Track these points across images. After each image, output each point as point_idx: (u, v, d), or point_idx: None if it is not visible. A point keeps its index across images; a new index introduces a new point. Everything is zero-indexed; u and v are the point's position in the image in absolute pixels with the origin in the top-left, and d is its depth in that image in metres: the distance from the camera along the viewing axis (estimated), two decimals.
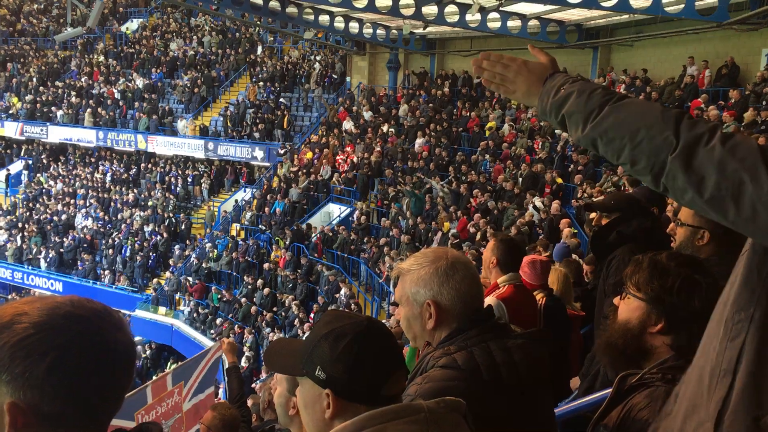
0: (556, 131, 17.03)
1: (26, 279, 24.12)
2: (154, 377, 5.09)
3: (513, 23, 18.79)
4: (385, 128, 21.07)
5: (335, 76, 25.18)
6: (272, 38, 28.59)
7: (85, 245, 23.89)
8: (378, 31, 21.86)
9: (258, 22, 23.67)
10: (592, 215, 4.13)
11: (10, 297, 25.09)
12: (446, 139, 19.54)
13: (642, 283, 1.93)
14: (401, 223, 17.34)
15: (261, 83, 25.98)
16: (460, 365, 1.84)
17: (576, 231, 11.00)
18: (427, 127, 20.30)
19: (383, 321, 13.37)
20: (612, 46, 19.28)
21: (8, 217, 26.70)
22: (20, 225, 25.87)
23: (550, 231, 12.62)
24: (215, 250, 20.62)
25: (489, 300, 3.50)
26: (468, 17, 18.33)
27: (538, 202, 14.61)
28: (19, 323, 1.09)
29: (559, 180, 15.58)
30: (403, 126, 21.10)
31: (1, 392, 1.08)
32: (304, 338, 1.62)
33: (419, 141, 19.85)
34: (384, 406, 1.39)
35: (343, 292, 16.59)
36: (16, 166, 30.01)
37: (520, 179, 16.20)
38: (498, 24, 18.61)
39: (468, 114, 20.11)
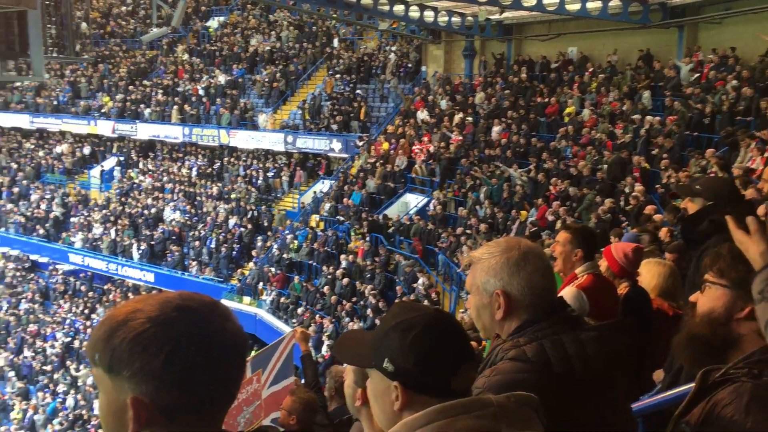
0: (636, 115, 16.49)
1: (120, 270, 25.30)
2: None
3: (593, 5, 18.22)
4: (461, 116, 20.91)
5: (410, 66, 25.14)
6: (347, 30, 28.80)
7: (174, 237, 24.83)
8: (453, 19, 21.67)
9: (334, 15, 23.88)
10: (684, 203, 3.76)
11: (105, 287, 26.42)
12: (525, 126, 19.22)
13: (725, 268, 1.85)
14: (479, 212, 17.20)
15: (337, 76, 26.25)
16: (530, 358, 1.80)
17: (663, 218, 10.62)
18: (504, 114, 20.01)
19: (461, 311, 13.33)
20: (699, 24, 18.39)
21: (103, 211, 28.05)
22: (114, 219, 27.14)
23: (637, 218, 12.23)
24: (295, 241, 21.03)
25: (568, 290, 3.43)
26: (545, 0, 17.91)
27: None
28: (134, 320, 1.12)
29: (646, 165, 15.07)
30: (479, 114, 20.87)
31: (123, 388, 1.12)
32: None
33: (496, 128, 19.60)
34: (453, 399, 1.38)
35: (420, 281, 16.63)
36: (109, 163, 31.47)
37: (605, 165, 15.76)
38: (577, 6, 18.10)
39: (546, 100, 19.69)
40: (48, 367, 23.53)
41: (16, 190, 31.40)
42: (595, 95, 18.67)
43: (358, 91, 25.42)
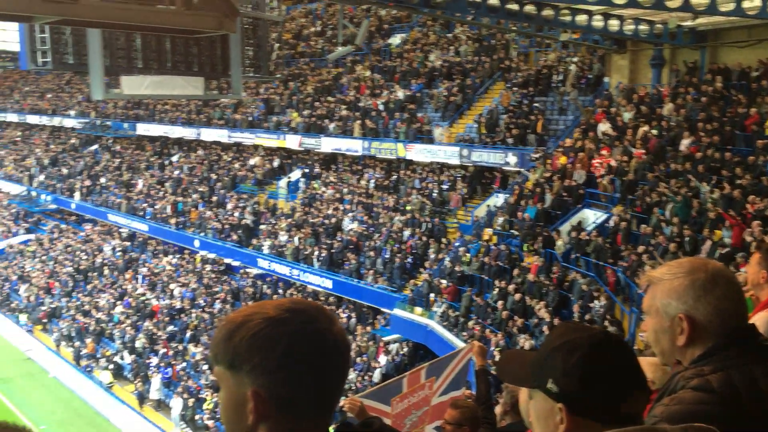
0: None
1: (302, 276, 26.74)
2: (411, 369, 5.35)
3: None
4: (645, 129, 19.79)
5: (591, 77, 24.25)
6: (526, 42, 28.42)
7: (351, 246, 25.83)
8: (640, 27, 20.60)
9: (513, 28, 23.66)
10: None
11: (288, 292, 28.04)
12: (717, 138, 17.78)
13: None
14: (665, 230, 16.15)
15: (515, 88, 25.96)
16: (715, 388, 1.65)
17: None
18: (695, 126, 18.66)
19: (641, 334, 12.56)
20: None
21: (288, 219, 29.88)
22: (297, 227, 28.80)
23: None
24: (468, 254, 21.01)
25: (761, 316, 3.12)
26: (746, 4, 16.49)
27: None
28: (251, 321, 1.24)
29: None
30: (664, 126, 19.62)
31: (243, 382, 1.22)
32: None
33: (686, 141, 18.32)
34: (622, 426, 1.31)
35: (598, 302, 15.92)
36: (296, 174, 33.49)
37: None
38: None
39: (745, 111, 18.09)
40: None
41: (214, 198, 34.40)
42: None
43: (535, 104, 24.97)
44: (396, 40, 34.97)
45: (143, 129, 43.12)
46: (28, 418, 22.52)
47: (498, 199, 23.84)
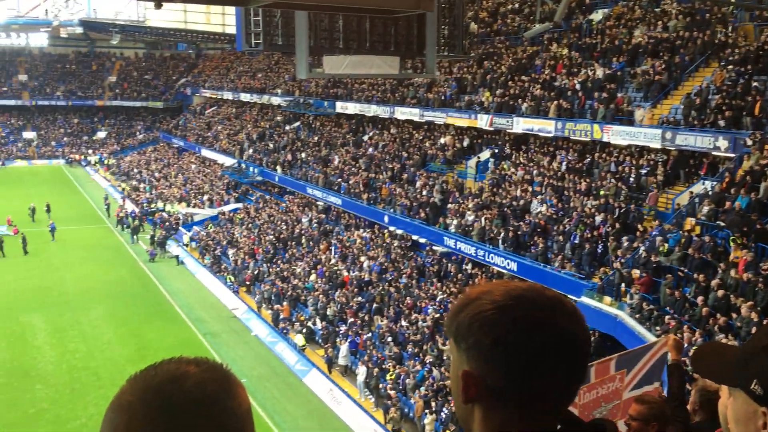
0: None
1: (487, 257, 26.67)
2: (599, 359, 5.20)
3: None
4: None
5: None
6: (748, 16, 25.75)
7: (539, 230, 25.27)
8: None
9: (732, 0, 21.53)
10: None
11: (473, 272, 28.14)
12: None
13: None
14: None
15: (730, 66, 23.68)
16: None
17: None
18: None
19: None
20: None
21: (475, 199, 29.86)
22: (484, 208, 28.70)
23: None
24: (666, 245, 19.69)
25: None
26: None
27: None
28: (481, 299, 1.21)
29: None
30: None
31: (461, 360, 1.22)
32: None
33: None
34: None
35: None
36: (485, 154, 33.32)
37: None
38: None
39: None
40: (418, 338, 26.01)
41: (404, 176, 35.27)
42: None
43: (754, 84, 22.60)
44: (597, 15, 33.34)
45: (341, 107, 45.25)
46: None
47: (703, 187, 22.01)
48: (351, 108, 44.32)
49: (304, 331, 29.45)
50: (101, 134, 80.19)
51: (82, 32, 76.04)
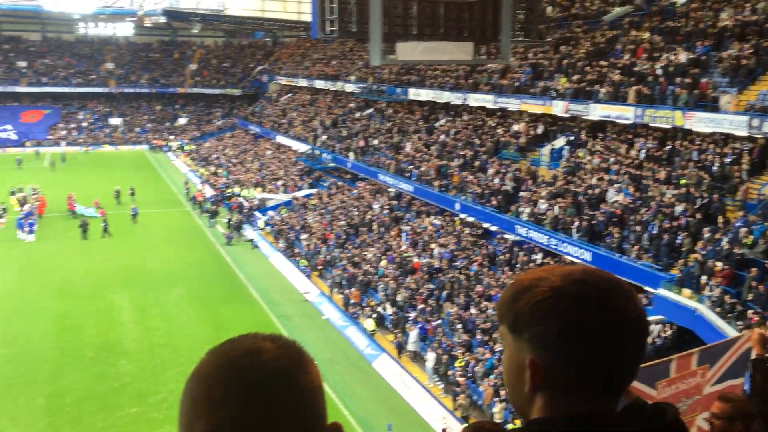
0: None
1: (559, 246, 26.22)
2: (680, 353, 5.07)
3: None
4: None
5: None
6: None
7: (614, 219, 24.64)
8: None
9: None
10: None
11: (544, 261, 27.72)
12: None
13: None
14: None
15: None
16: None
17: None
18: None
19: None
20: None
21: (549, 188, 29.35)
22: (558, 196, 28.18)
23: None
24: (751, 236, 18.88)
25: None
26: None
27: None
28: (538, 287, 1.22)
29: None
30: None
31: (523, 349, 1.22)
32: None
33: None
34: None
35: None
36: (560, 142, 32.66)
37: None
38: None
39: None
40: (488, 325, 25.87)
41: (476, 163, 34.98)
42: None
43: None
44: None
45: (414, 94, 45.20)
46: None
47: None
48: (423, 95, 44.21)
49: (375, 316, 29.74)
50: (182, 121, 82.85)
51: (165, 21, 78.48)
